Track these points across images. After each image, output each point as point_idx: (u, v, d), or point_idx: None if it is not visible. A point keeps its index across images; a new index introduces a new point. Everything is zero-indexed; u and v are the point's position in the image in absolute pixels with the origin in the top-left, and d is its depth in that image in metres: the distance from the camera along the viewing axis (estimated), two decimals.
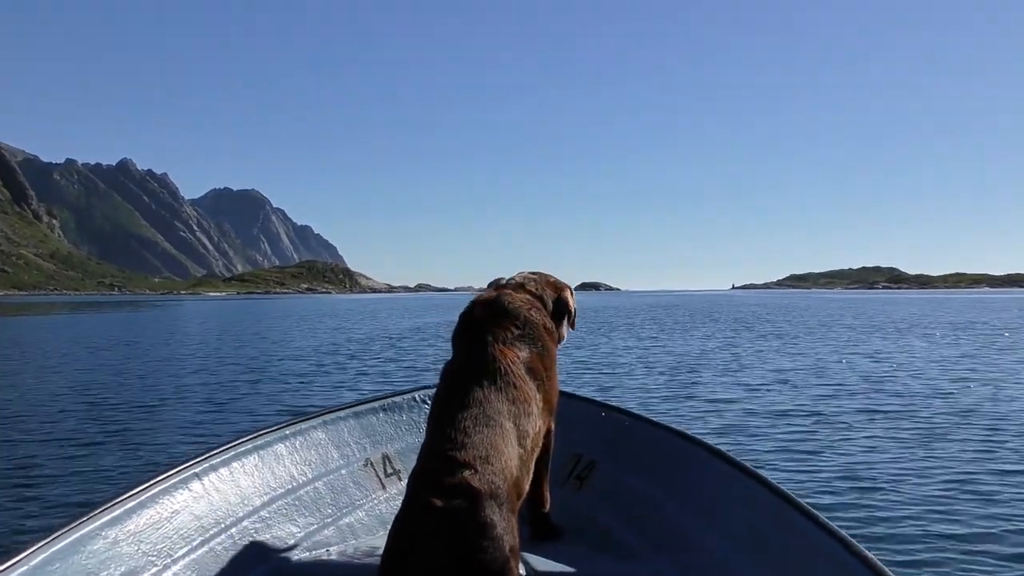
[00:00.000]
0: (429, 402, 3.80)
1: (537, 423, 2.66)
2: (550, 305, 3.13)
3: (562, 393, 3.17)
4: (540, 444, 2.74)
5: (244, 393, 13.53)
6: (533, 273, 3.24)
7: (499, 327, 2.80)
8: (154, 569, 2.52)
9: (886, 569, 2.16)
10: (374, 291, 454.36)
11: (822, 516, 2.47)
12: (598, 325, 38.18)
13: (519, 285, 3.11)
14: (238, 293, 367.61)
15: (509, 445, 2.42)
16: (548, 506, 3.17)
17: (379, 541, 3.07)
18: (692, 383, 14.22)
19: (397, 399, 3.84)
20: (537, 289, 3.14)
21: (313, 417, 3.49)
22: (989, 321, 38.81)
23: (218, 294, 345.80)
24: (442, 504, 2.16)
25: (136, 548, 2.51)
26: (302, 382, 15.23)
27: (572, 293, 3.30)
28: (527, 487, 2.58)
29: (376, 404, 3.76)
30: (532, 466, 2.63)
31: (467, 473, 2.22)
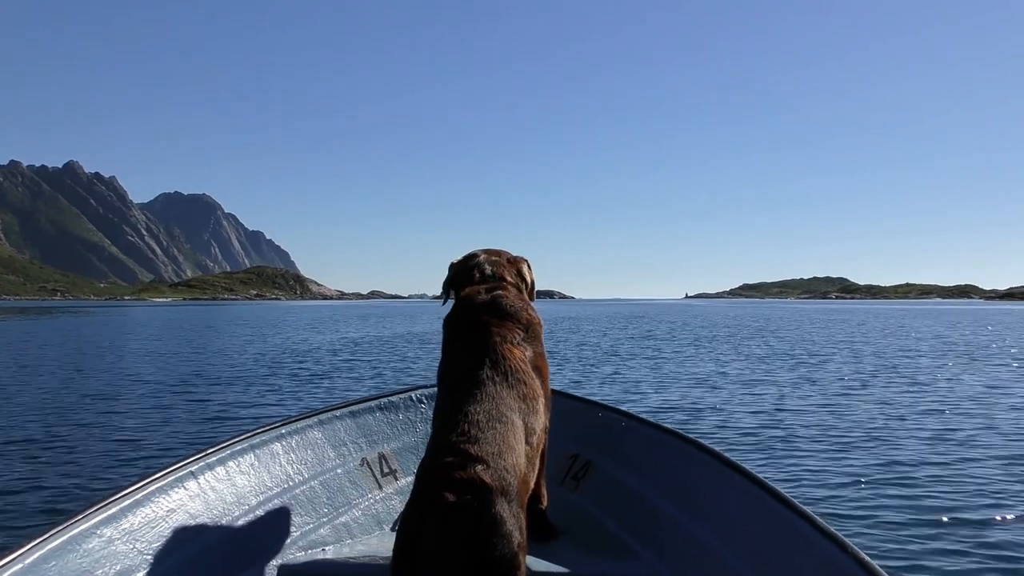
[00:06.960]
0: (426, 402, 3.82)
1: (543, 419, 2.70)
2: (523, 289, 3.13)
3: (558, 392, 3.11)
4: (544, 440, 2.74)
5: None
6: (491, 253, 3.19)
7: (505, 328, 2.79)
8: (149, 567, 2.51)
9: (880, 570, 2.16)
10: (325, 298, 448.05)
11: (818, 517, 2.49)
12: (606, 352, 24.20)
13: (501, 278, 3.07)
14: (184, 299, 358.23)
15: (520, 442, 2.42)
16: (546, 502, 3.16)
17: (375, 540, 3.07)
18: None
19: (394, 398, 3.83)
20: (512, 276, 3.12)
21: (309, 416, 3.48)
22: None
23: (164, 300, 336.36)
24: (454, 499, 2.13)
25: (131, 547, 2.51)
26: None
27: (529, 266, 3.25)
28: (533, 483, 2.62)
29: (372, 403, 3.74)
30: (538, 463, 2.67)
31: (479, 468, 2.19)
